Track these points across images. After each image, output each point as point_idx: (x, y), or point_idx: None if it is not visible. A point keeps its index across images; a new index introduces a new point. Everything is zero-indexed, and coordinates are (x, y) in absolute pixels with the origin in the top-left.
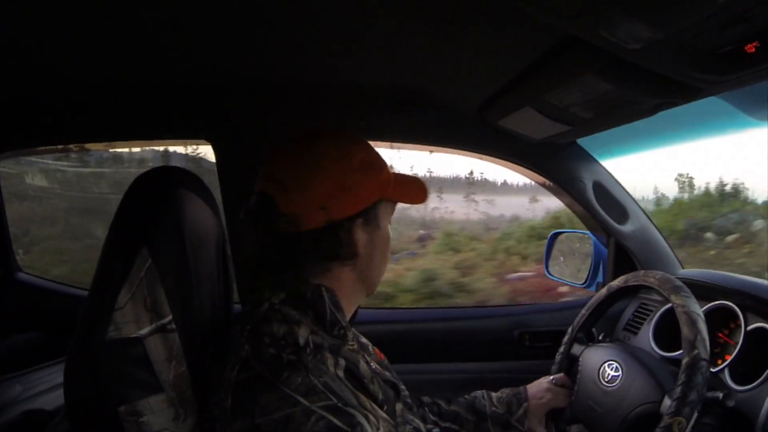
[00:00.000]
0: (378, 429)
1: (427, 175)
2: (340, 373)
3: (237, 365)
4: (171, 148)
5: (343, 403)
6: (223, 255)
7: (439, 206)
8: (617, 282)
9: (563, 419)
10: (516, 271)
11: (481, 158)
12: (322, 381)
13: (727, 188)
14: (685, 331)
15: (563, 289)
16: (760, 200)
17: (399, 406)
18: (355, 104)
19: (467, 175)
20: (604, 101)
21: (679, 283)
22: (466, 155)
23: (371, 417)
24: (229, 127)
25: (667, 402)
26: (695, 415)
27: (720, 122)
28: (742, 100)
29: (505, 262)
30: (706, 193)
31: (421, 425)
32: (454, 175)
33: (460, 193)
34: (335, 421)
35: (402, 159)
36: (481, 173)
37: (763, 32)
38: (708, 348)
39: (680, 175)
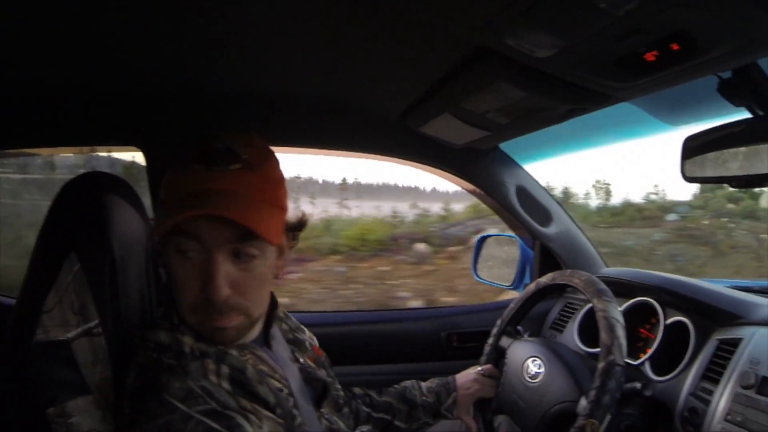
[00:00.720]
0: (261, 428)
1: (300, 179)
2: (223, 381)
3: (134, 372)
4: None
5: (222, 407)
6: (154, 261)
7: (312, 212)
8: (545, 279)
9: (490, 409)
10: None
11: (405, 164)
12: (200, 385)
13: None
14: (604, 336)
15: None
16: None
17: (297, 412)
18: (280, 112)
19: (340, 181)
20: (518, 107)
21: (602, 286)
22: (391, 161)
23: (253, 417)
24: (161, 135)
25: (582, 403)
26: (608, 416)
27: (633, 127)
28: (652, 105)
29: None
30: None
31: (342, 425)
32: (337, 180)
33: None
34: (213, 424)
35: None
36: (356, 178)
37: (661, 42)
38: (624, 353)
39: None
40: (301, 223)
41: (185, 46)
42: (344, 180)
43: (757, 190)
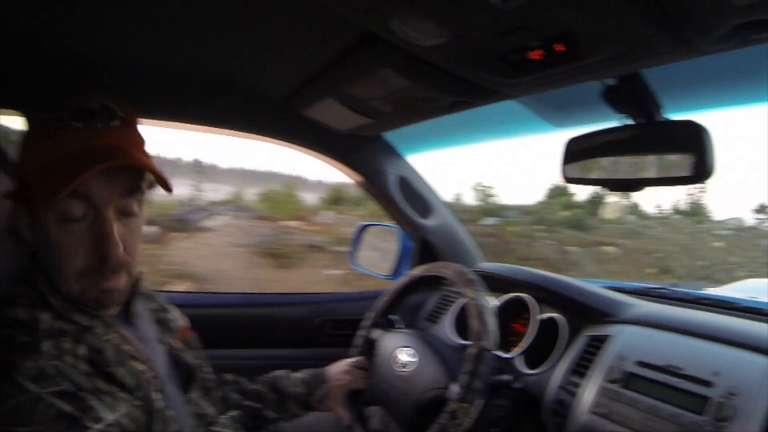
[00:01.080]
0: (115, 411)
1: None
2: (79, 361)
3: None
4: None
5: (76, 388)
6: (16, 236)
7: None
8: (417, 271)
9: (362, 400)
10: None
11: (289, 147)
12: (53, 365)
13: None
14: (474, 322)
15: None
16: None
17: (159, 396)
18: (167, 86)
19: (196, 163)
20: (402, 96)
21: (472, 276)
22: (275, 143)
23: (108, 399)
24: (45, 101)
25: (453, 388)
26: (479, 401)
27: (518, 126)
28: (538, 105)
29: None
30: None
31: (209, 410)
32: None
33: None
34: (65, 407)
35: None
36: (215, 161)
37: (545, 41)
38: (493, 339)
39: None
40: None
41: (67, 8)
42: (199, 162)
43: (603, 200)
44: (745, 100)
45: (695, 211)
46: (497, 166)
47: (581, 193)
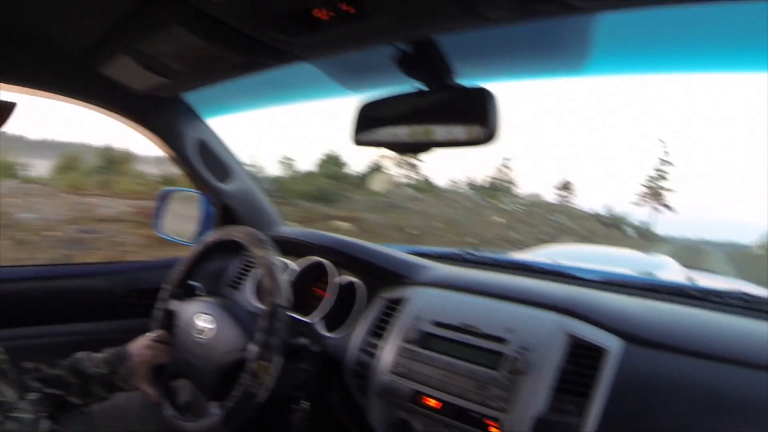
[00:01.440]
0: None
1: None
2: None
3: None
4: None
5: None
6: None
7: None
8: (210, 237)
9: (168, 374)
10: None
11: (86, 107)
12: None
13: None
14: (265, 281)
15: None
16: None
17: None
18: None
19: None
20: (195, 56)
21: (262, 237)
22: (72, 103)
23: None
24: None
25: (251, 348)
26: (278, 358)
27: (314, 89)
28: (333, 68)
29: None
30: None
31: (12, 395)
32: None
33: None
34: None
35: None
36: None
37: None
38: (285, 295)
39: None
40: None
41: None
42: None
43: (376, 171)
44: (542, 73)
45: (492, 186)
46: (289, 132)
47: (356, 163)
